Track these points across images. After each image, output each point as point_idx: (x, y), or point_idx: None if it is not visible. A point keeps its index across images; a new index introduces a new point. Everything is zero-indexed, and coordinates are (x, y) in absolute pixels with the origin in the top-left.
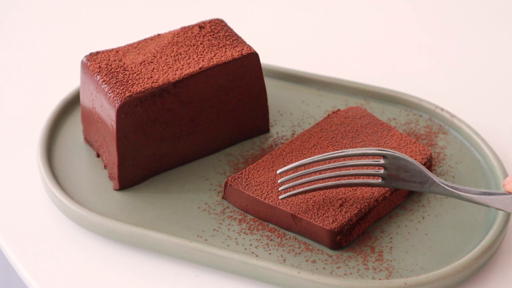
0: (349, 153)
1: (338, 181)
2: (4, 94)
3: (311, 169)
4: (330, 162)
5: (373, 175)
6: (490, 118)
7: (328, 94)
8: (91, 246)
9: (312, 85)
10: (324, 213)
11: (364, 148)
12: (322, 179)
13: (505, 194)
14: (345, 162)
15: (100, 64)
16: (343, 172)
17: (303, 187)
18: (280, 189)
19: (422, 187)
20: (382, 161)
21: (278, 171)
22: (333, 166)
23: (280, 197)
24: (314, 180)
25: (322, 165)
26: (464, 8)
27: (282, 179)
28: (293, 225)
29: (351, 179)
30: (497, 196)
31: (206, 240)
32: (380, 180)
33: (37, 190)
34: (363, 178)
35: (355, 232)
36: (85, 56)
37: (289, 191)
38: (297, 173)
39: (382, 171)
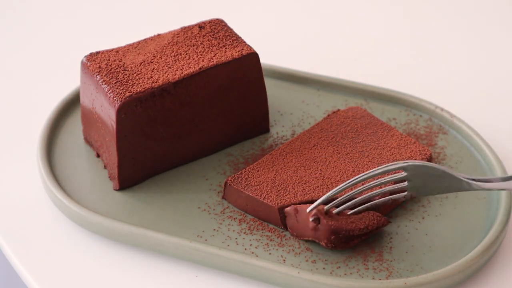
0: (371, 174)
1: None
2: (4, 94)
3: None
4: (353, 188)
5: (399, 192)
6: (490, 118)
7: (328, 94)
8: (91, 246)
9: (312, 85)
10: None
11: (384, 166)
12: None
13: None
14: (368, 184)
15: (100, 64)
16: (369, 194)
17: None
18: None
19: (451, 188)
20: (404, 174)
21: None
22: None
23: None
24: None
25: (346, 192)
26: (464, 8)
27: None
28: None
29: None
30: None
31: (206, 240)
32: (406, 193)
33: (37, 190)
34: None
35: (353, 242)
36: (85, 56)
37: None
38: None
39: (406, 183)
